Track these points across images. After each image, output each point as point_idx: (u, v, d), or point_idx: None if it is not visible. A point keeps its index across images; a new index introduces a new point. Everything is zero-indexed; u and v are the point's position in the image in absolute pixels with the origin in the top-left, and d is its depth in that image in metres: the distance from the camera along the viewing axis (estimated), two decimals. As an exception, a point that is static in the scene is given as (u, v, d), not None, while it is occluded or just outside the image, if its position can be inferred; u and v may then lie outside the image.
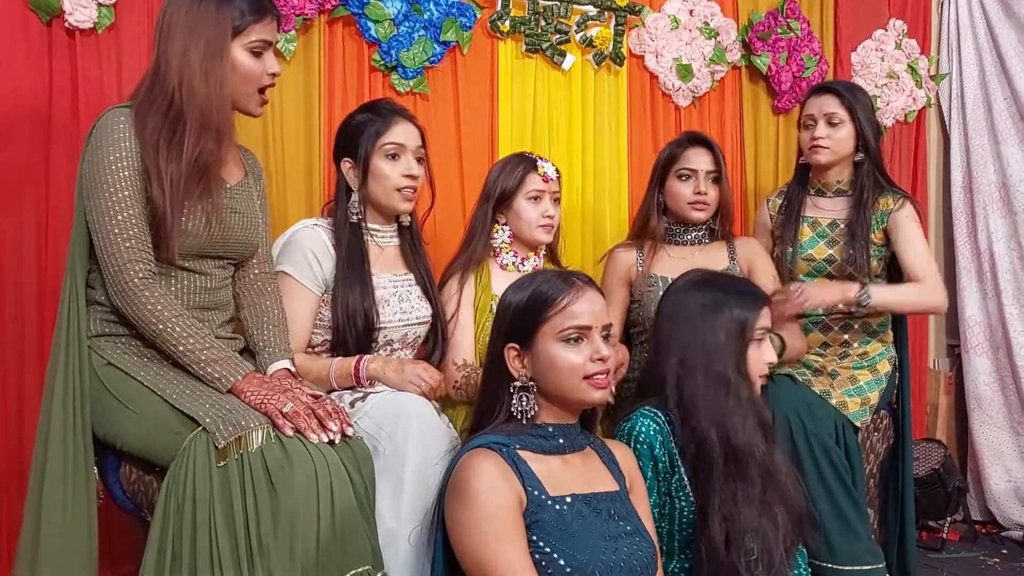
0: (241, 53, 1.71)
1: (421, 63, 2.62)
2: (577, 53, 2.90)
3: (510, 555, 1.31)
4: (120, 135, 1.63)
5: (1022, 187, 3.49)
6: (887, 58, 3.49)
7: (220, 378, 1.62)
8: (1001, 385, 3.53)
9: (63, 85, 2.22)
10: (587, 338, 1.45)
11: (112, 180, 1.61)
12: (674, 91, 3.09)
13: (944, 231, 3.81)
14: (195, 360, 1.62)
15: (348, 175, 2.04)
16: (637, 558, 1.41)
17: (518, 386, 1.47)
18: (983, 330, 3.58)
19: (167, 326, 1.61)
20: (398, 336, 2.06)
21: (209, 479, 1.50)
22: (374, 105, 2.11)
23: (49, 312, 2.19)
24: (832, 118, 2.49)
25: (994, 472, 3.50)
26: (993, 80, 3.57)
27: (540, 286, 1.48)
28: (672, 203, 2.48)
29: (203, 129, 1.65)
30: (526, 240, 2.26)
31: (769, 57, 3.19)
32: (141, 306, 1.61)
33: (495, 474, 1.35)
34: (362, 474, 1.62)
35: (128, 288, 1.60)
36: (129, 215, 1.62)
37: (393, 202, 2.04)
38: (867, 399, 2.38)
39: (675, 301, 1.79)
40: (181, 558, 1.49)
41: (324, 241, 2.02)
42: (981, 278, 3.59)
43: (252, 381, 1.64)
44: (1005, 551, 3.26)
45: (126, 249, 1.61)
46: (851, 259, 2.46)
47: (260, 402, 1.58)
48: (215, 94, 1.66)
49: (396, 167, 2.02)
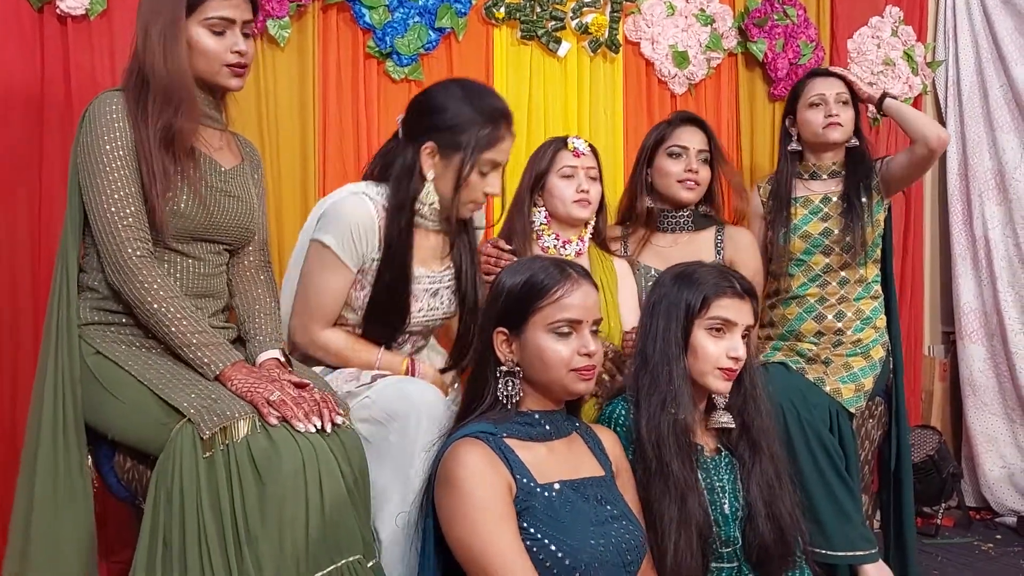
0: (198, 30, 1.69)
1: (416, 50, 2.61)
2: (573, 40, 2.89)
3: (503, 542, 1.31)
4: (112, 115, 1.64)
5: (1017, 174, 3.49)
6: (883, 45, 3.48)
7: (209, 363, 1.62)
8: (996, 372, 3.54)
9: (55, 72, 2.21)
10: (576, 331, 1.45)
11: (107, 160, 1.62)
12: (670, 78, 3.08)
13: (940, 218, 3.81)
14: (186, 343, 1.61)
15: (425, 161, 1.87)
16: (626, 542, 1.42)
17: (504, 371, 1.47)
18: (978, 317, 3.59)
19: (161, 306, 1.61)
20: (419, 329, 2.03)
21: (196, 470, 1.50)
22: (488, 108, 1.88)
23: (43, 299, 2.18)
24: (841, 97, 2.55)
25: (988, 458, 3.52)
26: (989, 67, 3.57)
27: (536, 274, 1.47)
28: (661, 182, 2.45)
29: (164, 104, 1.64)
30: (563, 219, 2.24)
31: (765, 44, 3.18)
32: (138, 284, 1.60)
33: (483, 463, 1.36)
34: (352, 464, 1.61)
35: (126, 265, 1.60)
36: (125, 194, 1.62)
37: (464, 212, 1.93)
38: (861, 385, 2.39)
39: (657, 282, 1.76)
40: (172, 547, 1.49)
41: (372, 216, 1.87)
42: (976, 265, 3.60)
43: (240, 370, 1.63)
44: (999, 537, 3.28)
45: (124, 227, 1.61)
46: (848, 227, 2.48)
47: (247, 390, 1.58)
48: (172, 70, 1.65)
49: (485, 184, 1.89)
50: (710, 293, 1.62)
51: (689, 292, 1.63)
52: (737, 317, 1.63)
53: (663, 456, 1.56)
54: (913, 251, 3.61)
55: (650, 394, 1.61)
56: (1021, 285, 3.49)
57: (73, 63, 2.21)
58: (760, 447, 1.69)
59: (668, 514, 1.54)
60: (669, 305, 1.64)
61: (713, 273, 1.66)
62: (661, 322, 1.64)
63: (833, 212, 2.53)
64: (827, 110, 2.53)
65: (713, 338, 1.63)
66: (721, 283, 1.63)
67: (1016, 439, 3.50)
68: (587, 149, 2.25)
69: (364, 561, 1.56)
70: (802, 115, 2.58)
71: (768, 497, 1.67)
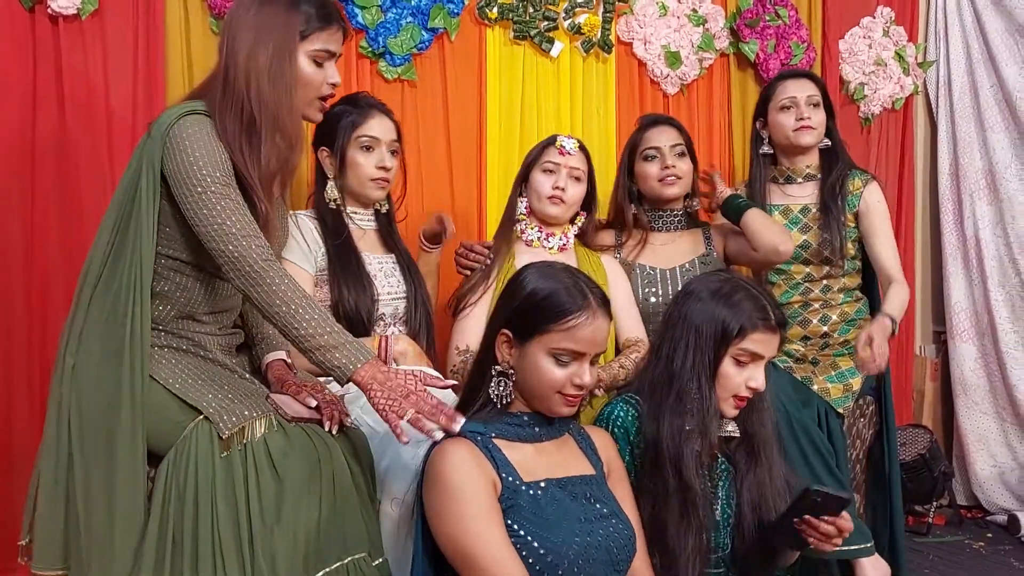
0: (304, 59, 1.66)
1: (408, 50, 2.61)
2: (565, 40, 2.90)
3: (490, 536, 1.32)
4: (209, 138, 1.56)
5: (1008, 174, 3.51)
6: (875, 45, 3.50)
7: (341, 366, 1.53)
8: (987, 371, 3.56)
9: (47, 72, 2.20)
10: (577, 361, 1.45)
11: (220, 176, 1.55)
12: (662, 78, 3.09)
13: (931, 218, 3.83)
14: (316, 345, 1.53)
15: (324, 163, 2.15)
16: (614, 540, 1.42)
17: (498, 370, 1.48)
18: (969, 316, 3.60)
19: (290, 307, 1.53)
20: (389, 311, 2.12)
21: (212, 467, 1.50)
22: (353, 97, 2.20)
23: (36, 297, 2.19)
24: (812, 99, 2.53)
25: (979, 457, 3.54)
26: (980, 67, 3.59)
27: (559, 292, 1.44)
28: (644, 187, 2.49)
29: (276, 133, 1.61)
30: (538, 214, 2.27)
31: (757, 44, 3.19)
32: (267, 286, 1.53)
33: (468, 460, 1.36)
34: (361, 462, 1.62)
35: (253, 269, 1.53)
36: (238, 205, 1.55)
37: (367, 191, 2.15)
38: (849, 385, 2.40)
39: (696, 280, 1.73)
40: (182, 544, 1.48)
41: (311, 227, 2.10)
42: (967, 265, 3.62)
43: (376, 376, 1.53)
44: (990, 535, 3.29)
45: (244, 235, 1.54)
46: (826, 243, 2.48)
47: (383, 408, 1.50)
48: (284, 98, 1.61)
49: (370, 159, 2.13)
50: (747, 325, 1.58)
51: (727, 315, 1.59)
52: (765, 351, 1.61)
53: (683, 472, 1.55)
54: (904, 251, 3.60)
55: (675, 411, 1.59)
56: (1012, 284, 3.50)
57: (65, 63, 2.21)
58: (759, 457, 1.68)
59: (682, 526, 1.54)
60: (703, 323, 1.60)
61: (752, 300, 1.61)
62: (692, 338, 1.61)
63: (812, 223, 2.53)
64: (798, 113, 2.51)
65: (737, 367, 1.61)
66: (757, 315, 1.59)
67: (1007, 438, 3.52)
68: (575, 149, 2.25)
69: (370, 560, 1.56)
70: (773, 118, 2.57)
71: (758, 502, 1.67)
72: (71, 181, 2.22)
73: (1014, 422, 3.49)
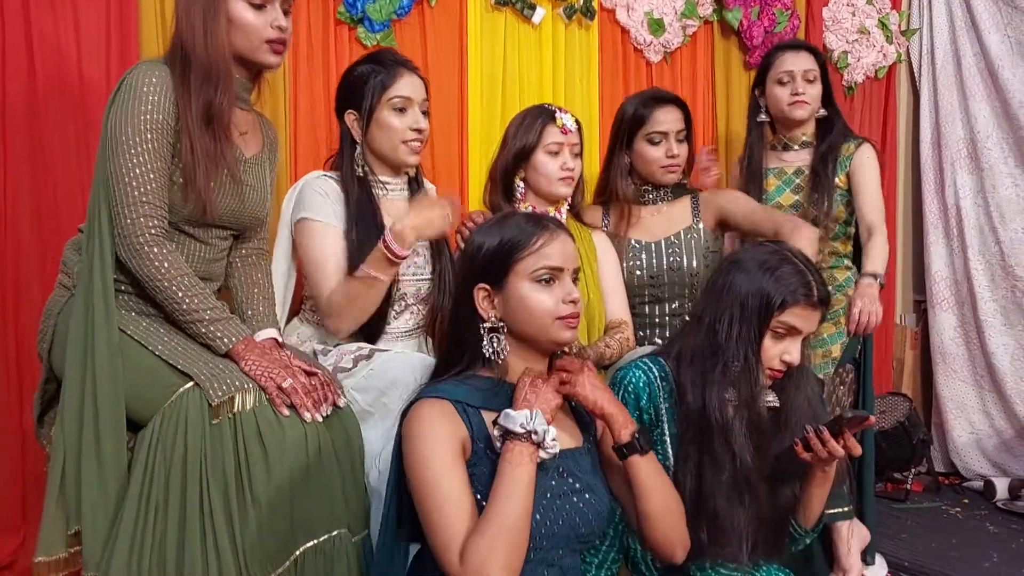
0: (238, 5, 1.68)
1: (388, 16, 2.57)
2: (547, 6, 2.86)
3: (451, 476, 1.30)
4: (152, 86, 1.61)
5: (989, 143, 3.51)
6: (858, 13, 3.48)
7: (221, 338, 1.63)
8: (966, 340, 3.59)
9: (17, 42, 2.15)
10: (558, 279, 1.44)
11: (132, 134, 1.59)
12: (645, 46, 3.07)
13: (912, 187, 3.84)
14: (197, 319, 1.62)
15: (352, 127, 2.01)
16: (581, 515, 1.40)
17: (488, 327, 1.46)
18: (949, 286, 3.63)
19: (171, 283, 1.60)
20: (412, 291, 2.04)
21: (202, 433, 1.52)
22: (378, 56, 2.05)
23: (10, 267, 2.16)
24: (808, 75, 2.55)
25: (957, 424, 3.58)
26: (963, 35, 3.58)
27: (513, 228, 1.46)
28: (642, 167, 2.42)
29: (204, 81, 1.64)
30: (545, 195, 2.24)
31: (741, 12, 3.17)
32: (148, 262, 1.59)
33: (439, 415, 1.36)
34: (350, 443, 1.66)
35: (137, 244, 1.59)
36: (148, 168, 1.60)
37: (400, 155, 2.01)
38: (828, 352, 2.41)
39: (746, 250, 1.72)
40: (167, 508, 1.50)
41: (336, 188, 1.99)
42: (948, 234, 3.64)
43: (252, 349, 1.64)
44: (966, 501, 3.34)
45: (141, 203, 1.59)
46: (815, 201, 2.50)
47: (259, 373, 1.60)
48: (212, 48, 1.64)
49: (404, 120, 1.99)
50: (789, 299, 1.58)
51: (771, 287, 1.59)
52: (804, 326, 1.61)
53: (733, 445, 1.56)
54: (886, 220, 3.62)
55: (721, 383, 1.59)
56: (991, 253, 3.53)
57: (36, 33, 2.16)
58: (788, 425, 1.66)
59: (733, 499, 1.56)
60: (748, 294, 1.60)
61: (798, 275, 1.60)
62: (738, 310, 1.60)
63: (805, 184, 2.55)
64: (793, 88, 2.55)
65: (774, 339, 1.61)
66: (801, 290, 1.59)
67: (984, 405, 3.56)
68: (574, 126, 2.24)
69: (349, 535, 1.61)
70: (770, 89, 2.61)
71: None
72: (45, 151, 2.17)
73: (992, 389, 3.53)
